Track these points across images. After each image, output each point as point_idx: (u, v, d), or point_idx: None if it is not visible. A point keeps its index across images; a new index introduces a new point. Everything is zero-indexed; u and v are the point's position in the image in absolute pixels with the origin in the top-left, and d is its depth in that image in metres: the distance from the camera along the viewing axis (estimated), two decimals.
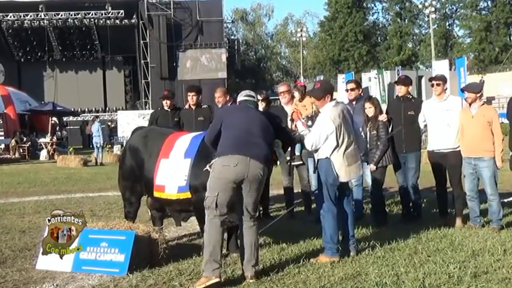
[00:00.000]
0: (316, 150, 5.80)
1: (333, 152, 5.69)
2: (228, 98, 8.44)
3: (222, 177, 4.99)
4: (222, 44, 38.38)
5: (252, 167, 4.99)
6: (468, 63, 40.79)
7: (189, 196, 5.85)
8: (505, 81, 36.92)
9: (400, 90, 7.82)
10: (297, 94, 8.19)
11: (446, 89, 7.50)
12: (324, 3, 59.62)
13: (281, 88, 8.45)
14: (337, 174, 5.70)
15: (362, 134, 7.53)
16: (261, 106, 8.28)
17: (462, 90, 7.37)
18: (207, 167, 5.16)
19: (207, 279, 4.81)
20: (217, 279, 4.82)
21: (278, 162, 5.93)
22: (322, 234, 5.80)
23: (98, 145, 21.46)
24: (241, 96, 5.54)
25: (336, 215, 5.75)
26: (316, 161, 5.95)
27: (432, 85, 7.49)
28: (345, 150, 5.71)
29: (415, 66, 54.93)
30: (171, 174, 5.98)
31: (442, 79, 7.49)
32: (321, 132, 5.69)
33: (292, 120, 6.50)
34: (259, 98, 8.40)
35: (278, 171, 8.44)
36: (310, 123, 6.35)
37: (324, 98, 5.85)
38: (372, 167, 7.45)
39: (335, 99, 5.94)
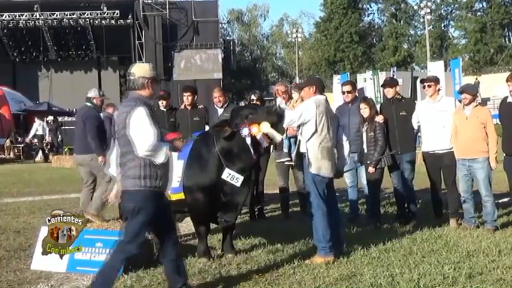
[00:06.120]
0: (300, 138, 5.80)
1: (310, 138, 5.69)
2: (226, 98, 8.44)
3: None
4: (218, 45, 38.34)
5: None
6: (463, 64, 40.83)
7: (183, 197, 5.84)
8: (500, 83, 36.74)
9: (388, 93, 7.82)
10: (295, 95, 8.19)
11: (439, 90, 7.50)
12: (319, 4, 59.63)
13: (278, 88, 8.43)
14: (309, 162, 5.68)
15: (358, 134, 7.56)
16: None
17: (460, 92, 7.33)
18: None
19: None
20: None
21: (272, 150, 5.84)
22: (314, 234, 5.78)
23: None
24: None
25: (326, 213, 5.72)
26: (305, 158, 5.90)
27: (424, 87, 7.51)
28: (321, 142, 5.69)
29: (410, 67, 54.91)
30: None
31: (434, 80, 7.49)
32: (302, 112, 5.69)
33: None
34: (253, 98, 8.40)
35: (273, 172, 8.44)
36: None
37: (309, 88, 5.92)
38: (371, 169, 7.43)
39: (325, 95, 5.99)
